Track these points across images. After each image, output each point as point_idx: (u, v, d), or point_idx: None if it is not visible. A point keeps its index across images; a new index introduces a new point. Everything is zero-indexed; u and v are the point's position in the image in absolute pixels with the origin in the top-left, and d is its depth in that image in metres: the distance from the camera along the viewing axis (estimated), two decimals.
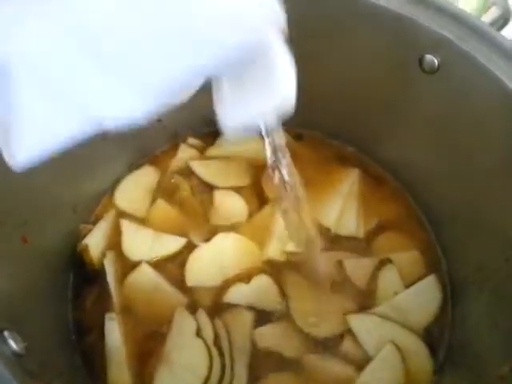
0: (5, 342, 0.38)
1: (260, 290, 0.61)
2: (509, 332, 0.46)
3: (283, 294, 0.61)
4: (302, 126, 0.72)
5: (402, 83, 0.58)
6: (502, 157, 0.51)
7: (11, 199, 0.49)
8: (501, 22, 0.89)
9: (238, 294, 0.60)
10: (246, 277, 0.61)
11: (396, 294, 0.60)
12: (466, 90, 0.52)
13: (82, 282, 0.61)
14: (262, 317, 0.59)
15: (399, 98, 0.60)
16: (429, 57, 0.53)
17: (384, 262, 0.63)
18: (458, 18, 0.51)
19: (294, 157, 0.71)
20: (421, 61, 0.54)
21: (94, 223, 0.65)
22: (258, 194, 0.69)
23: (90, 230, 0.64)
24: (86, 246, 0.62)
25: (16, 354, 0.38)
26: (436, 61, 0.53)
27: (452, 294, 0.61)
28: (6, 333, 0.39)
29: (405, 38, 0.54)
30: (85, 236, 0.63)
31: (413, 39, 0.53)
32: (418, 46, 0.53)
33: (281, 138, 0.45)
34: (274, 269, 0.62)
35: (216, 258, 0.62)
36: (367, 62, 0.59)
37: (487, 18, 0.90)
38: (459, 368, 0.55)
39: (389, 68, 0.58)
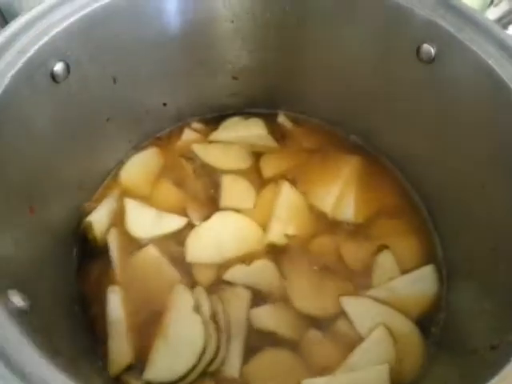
0: (8, 299, 0.40)
1: (260, 272, 0.62)
2: (494, 317, 0.47)
3: (282, 276, 0.62)
4: (301, 112, 0.74)
5: (399, 72, 0.59)
6: (488, 148, 0.51)
7: (17, 172, 0.50)
8: (510, 17, 0.90)
9: (237, 273, 0.61)
10: (247, 259, 0.62)
11: (391, 279, 0.61)
12: (460, 79, 0.53)
13: (86, 256, 0.63)
14: (260, 297, 0.60)
15: (397, 87, 0.61)
16: (426, 46, 0.54)
17: (381, 248, 0.64)
18: (454, 9, 0.52)
19: (293, 141, 0.73)
20: (418, 50, 0.55)
21: (99, 201, 0.66)
22: (258, 177, 0.70)
23: (94, 208, 0.65)
24: (90, 223, 0.63)
25: (20, 311, 0.40)
26: (433, 50, 0.54)
27: (447, 281, 0.62)
28: (9, 291, 0.41)
29: (403, 28, 0.55)
30: (89, 214, 0.64)
31: (410, 29, 0.54)
32: (416, 35, 0.54)
33: None
34: (274, 251, 0.63)
35: (215, 237, 0.63)
36: (366, 52, 0.60)
37: (497, 12, 0.91)
38: (452, 350, 0.55)
39: (387, 57, 0.59)
